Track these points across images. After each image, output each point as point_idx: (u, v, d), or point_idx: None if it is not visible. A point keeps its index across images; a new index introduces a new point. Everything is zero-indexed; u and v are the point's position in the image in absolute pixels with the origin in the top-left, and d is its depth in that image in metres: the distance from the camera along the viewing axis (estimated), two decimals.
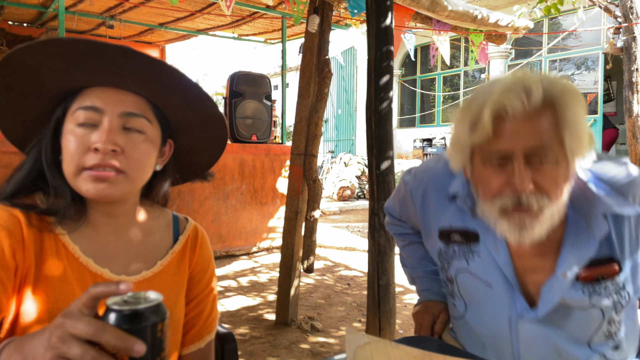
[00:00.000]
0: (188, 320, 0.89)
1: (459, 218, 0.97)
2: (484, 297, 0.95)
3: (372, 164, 2.20)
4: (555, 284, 0.87)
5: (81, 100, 0.74)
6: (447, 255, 0.99)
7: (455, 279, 0.99)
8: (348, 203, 8.88)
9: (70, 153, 0.72)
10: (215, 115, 0.82)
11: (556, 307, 0.88)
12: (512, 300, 0.91)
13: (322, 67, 2.91)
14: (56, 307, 0.71)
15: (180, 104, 0.79)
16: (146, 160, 0.77)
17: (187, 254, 0.88)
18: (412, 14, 3.75)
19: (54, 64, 0.71)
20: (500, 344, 0.95)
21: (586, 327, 0.90)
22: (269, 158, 4.84)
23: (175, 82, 0.75)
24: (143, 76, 0.73)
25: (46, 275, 0.71)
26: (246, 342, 2.65)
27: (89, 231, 0.78)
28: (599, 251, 0.86)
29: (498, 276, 0.92)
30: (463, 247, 0.96)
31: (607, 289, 0.86)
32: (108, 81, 0.74)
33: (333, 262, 4.56)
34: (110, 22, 6.06)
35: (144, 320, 0.48)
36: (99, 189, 0.71)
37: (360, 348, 0.66)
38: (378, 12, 2.18)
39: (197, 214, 4.37)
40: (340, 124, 14.26)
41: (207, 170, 0.95)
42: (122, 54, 0.70)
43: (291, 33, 6.32)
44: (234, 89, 4.69)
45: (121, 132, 0.74)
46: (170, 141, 0.85)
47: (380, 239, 2.18)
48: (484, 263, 0.93)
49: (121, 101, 0.74)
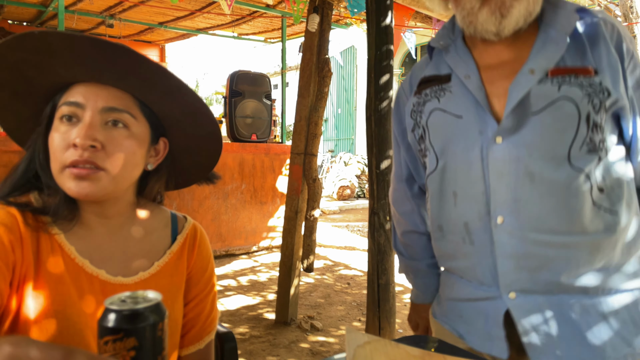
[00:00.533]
0: (187, 321, 0.87)
1: (434, 68, 1.00)
2: (455, 133, 0.92)
3: (372, 163, 2.21)
4: (521, 80, 0.84)
5: (66, 96, 0.73)
6: (420, 104, 0.99)
7: (427, 127, 0.97)
8: (348, 202, 8.88)
9: (53, 149, 0.71)
10: (202, 110, 0.80)
11: (524, 112, 0.83)
12: (483, 125, 0.87)
13: (322, 66, 2.91)
14: (52, 309, 0.69)
15: (163, 97, 0.77)
16: (130, 157, 0.74)
17: (185, 254, 0.86)
18: (412, 13, 3.75)
19: (32, 60, 0.70)
20: (471, 185, 0.89)
21: (561, 132, 0.82)
22: (268, 157, 4.84)
23: (153, 73, 0.73)
24: (118, 68, 0.70)
25: (43, 276, 0.70)
26: (246, 342, 2.65)
27: (83, 232, 0.76)
28: (572, 58, 0.84)
29: (469, 104, 0.90)
30: (435, 89, 0.96)
31: (579, 81, 0.82)
32: (88, 76, 0.72)
33: (333, 262, 4.56)
34: (110, 21, 6.06)
35: (144, 320, 0.48)
36: (80, 187, 0.70)
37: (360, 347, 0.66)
38: (378, 11, 2.18)
39: (196, 213, 4.37)
40: (340, 123, 14.26)
41: (209, 172, 0.92)
42: (92, 44, 0.68)
43: (291, 32, 6.32)
44: (233, 88, 4.69)
45: (102, 128, 0.71)
46: (165, 140, 0.83)
47: (380, 238, 2.18)
48: (454, 97, 0.93)
49: (102, 96, 0.72)
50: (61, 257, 0.72)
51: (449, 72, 0.96)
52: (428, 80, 0.99)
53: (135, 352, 0.47)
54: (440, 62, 0.99)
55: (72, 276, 0.72)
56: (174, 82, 0.74)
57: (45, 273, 0.70)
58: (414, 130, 1.02)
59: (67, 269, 0.72)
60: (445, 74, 0.96)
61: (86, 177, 0.70)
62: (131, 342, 0.47)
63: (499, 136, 0.85)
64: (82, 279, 0.73)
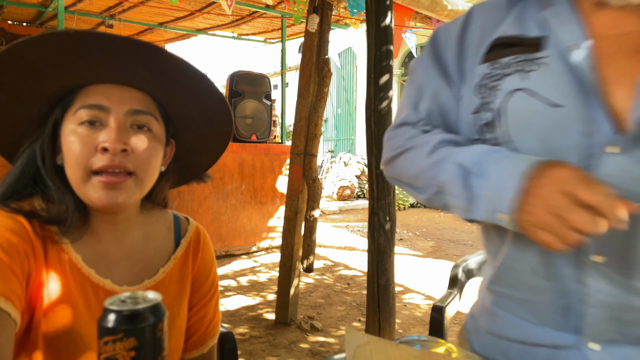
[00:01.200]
0: (190, 326, 0.85)
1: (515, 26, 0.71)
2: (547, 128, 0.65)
3: (372, 163, 2.21)
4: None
5: (83, 99, 0.69)
6: (493, 78, 0.70)
7: (504, 112, 0.68)
8: (348, 202, 8.88)
9: (75, 155, 0.67)
10: (223, 111, 0.77)
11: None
12: (590, 123, 0.62)
13: (322, 66, 2.91)
14: (62, 323, 0.67)
15: (188, 99, 0.74)
16: (155, 160, 0.72)
17: (189, 258, 0.83)
18: (412, 14, 3.76)
19: (55, 59, 0.65)
20: None
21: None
22: (268, 158, 4.84)
23: (186, 75, 0.70)
24: (153, 70, 0.68)
25: (52, 287, 0.68)
26: (246, 342, 2.65)
27: (90, 239, 0.73)
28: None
29: (571, 89, 0.63)
30: (519, 59, 0.68)
31: None
32: (113, 77, 0.69)
33: (333, 262, 4.56)
34: (110, 22, 6.06)
35: (144, 320, 0.48)
36: (112, 196, 0.67)
37: (359, 348, 0.66)
38: (378, 12, 2.18)
39: (196, 214, 4.36)
40: (340, 123, 14.26)
41: (205, 171, 0.90)
42: (131, 46, 0.65)
43: (291, 32, 6.32)
44: (233, 89, 4.69)
45: (129, 131, 0.69)
46: (172, 141, 0.81)
47: (380, 238, 2.18)
48: (550, 74, 0.65)
49: (127, 98, 0.70)
50: (68, 267, 0.70)
51: (540, 35, 0.67)
52: (506, 43, 0.70)
53: (135, 352, 0.47)
54: (527, 17, 0.70)
55: (78, 287, 0.70)
56: (204, 84, 0.72)
57: (53, 284, 0.68)
58: (478, 111, 0.72)
59: (74, 279, 0.70)
60: (535, 36, 0.68)
61: (117, 186, 0.67)
62: (131, 343, 0.47)
63: (617, 145, 0.60)
64: (88, 289, 0.71)
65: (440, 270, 4.24)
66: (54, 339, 0.67)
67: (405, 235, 5.96)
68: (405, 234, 6.00)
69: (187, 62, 0.69)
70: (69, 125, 0.69)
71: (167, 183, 0.83)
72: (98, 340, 0.47)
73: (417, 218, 7.34)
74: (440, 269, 4.25)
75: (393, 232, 2.20)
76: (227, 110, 0.78)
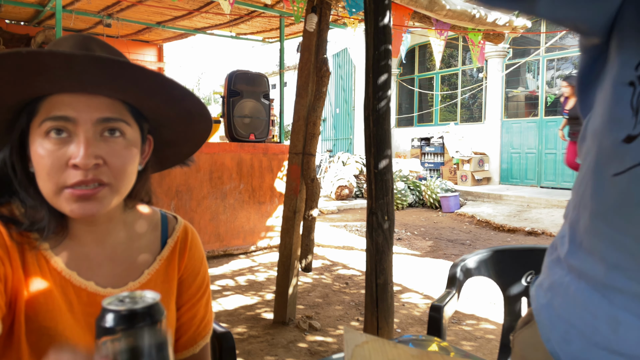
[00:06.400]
0: (180, 326, 0.84)
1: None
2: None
3: (370, 163, 2.20)
4: None
5: (47, 109, 0.64)
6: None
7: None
8: (346, 202, 8.88)
9: (45, 171, 0.64)
10: (200, 112, 0.75)
11: None
12: None
13: (320, 66, 2.91)
14: (44, 325, 0.66)
15: (163, 103, 0.72)
16: (130, 167, 0.70)
17: (175, 258, 0.82)
18: (411, 13, 3.76)
19: (10, 78, 0.61)
20: None
21: None
22: (267, 157, 4.84)
23: (158, 84, 0.67)
24: (121, 83, 0.64)
25: (32, 291, 0.67)
26: (244, 341, 2.65)
27: (70, 242, 0.72)
28: None
29: None
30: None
31: None
32: (79, 89, 0.65)
33: (331, 261, 4.56)
34: (108, 21, 6.05)
35: (142, 320, 0.48)
36: (85, 209, 0.65)
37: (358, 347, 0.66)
38: (376, 11, 2.18)
39: (195, 213, 4.36)
40: (339, 123, 14.26)
41: (187, 159, 0.87)
42: (93, 62, 0.61)
43: (289, 32, 6.33)
44: (231, 88, 4.69)
45: (100, 141, 0.65)
46: (150, 137, 0.78)
47: (378, 238, 2.18)
48: None
49: (94, 106, 0.65)
50: (48, 271, 0.69)
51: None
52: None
53: (134, 352, 0.47)
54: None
55: (59, 290, 0.69)
56: (178, 91, 0.70)
57: (33, 289, 0.67)
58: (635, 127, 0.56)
59: (55, 282, 0.69)
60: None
61: (91, 197, 0.65)
62: (129, 343, 0.47)
63: None
64: (70, 292, 0.70)
65: (438, 269, 4.24)
66: (38, 343, 0.66)
67: (404, 234, 5.97)
68: (404, 234, 6.01)
69: (157, 73, 0.66)
70: (35, 137, 0.66)
71: (147, 180, 0.81)
72: (96, 340, 0.47)
73: (415, 217, 7.34)
74: (439, 269, 4.26)
75: (391, 232, 2.20)
76: (205, 111, 0.75)
